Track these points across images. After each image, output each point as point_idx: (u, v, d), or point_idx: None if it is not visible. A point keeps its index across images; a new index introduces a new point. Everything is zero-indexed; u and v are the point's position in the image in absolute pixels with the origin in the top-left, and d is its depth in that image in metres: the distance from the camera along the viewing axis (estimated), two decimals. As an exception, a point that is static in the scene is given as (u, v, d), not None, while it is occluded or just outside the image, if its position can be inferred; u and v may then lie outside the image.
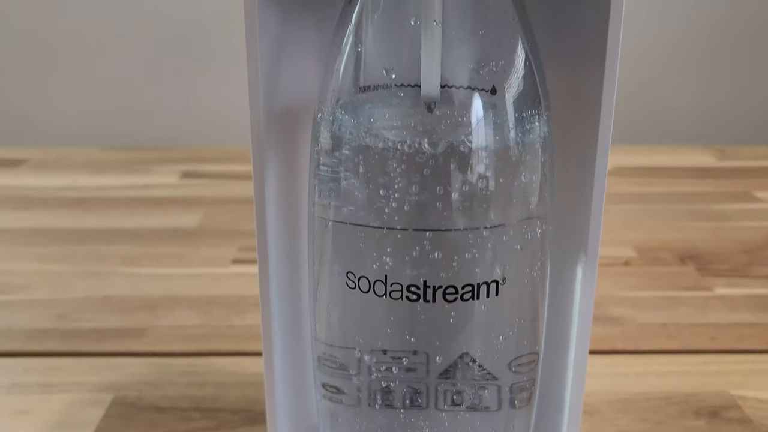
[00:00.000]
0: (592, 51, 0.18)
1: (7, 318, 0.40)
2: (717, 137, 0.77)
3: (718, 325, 0.40)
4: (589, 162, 0.19)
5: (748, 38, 0.76)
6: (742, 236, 0.51)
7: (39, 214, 0.56)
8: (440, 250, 0.17)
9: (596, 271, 0.22)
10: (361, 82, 0.17)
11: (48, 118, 0.79)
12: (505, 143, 0.17)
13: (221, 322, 0.40)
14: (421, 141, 0.16)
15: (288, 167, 0.20)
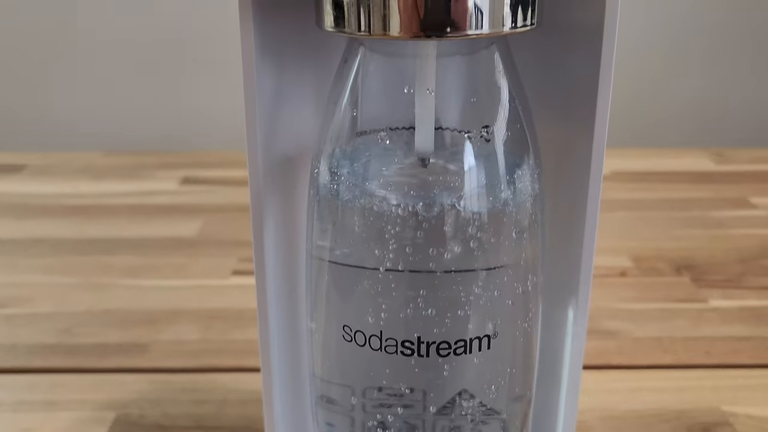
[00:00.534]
0: (582, 103, 0.18)
1: (12, 333, 0.41)
2: (717, 138, 0.78)
3: (712, 339, 0.40)
4: (580, 210, 0.19)
5: (748, 38, 0.76)
6: (738, 244, 0.52)
7: (40, 223, 0.56)
8: (433, 306, 0.17)
9: (587, 315, 0.22)
10: (355, 136, 0.18)
11: (48, 121, 0.79)
12: (496, 204, 0.17)
13: (221, 337, 0.41)
14: (414, 204, 0.16)
15: (286, 211, 0.20)
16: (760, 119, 0.79)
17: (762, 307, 0.44)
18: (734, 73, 0.78)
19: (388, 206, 0.16)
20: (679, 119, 0.80)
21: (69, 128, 0.79)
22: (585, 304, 0.21)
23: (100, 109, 0.79)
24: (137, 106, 0.79)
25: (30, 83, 0.78)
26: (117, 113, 0.79)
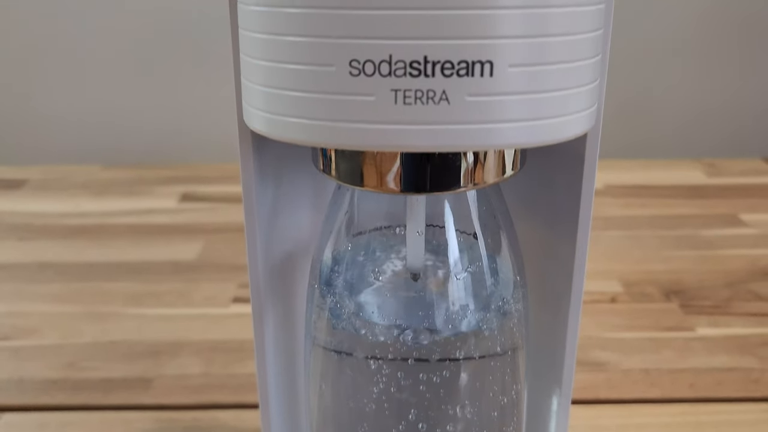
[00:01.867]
0: (565, 219, 0.19)
1: (19, 367, 0.42)
2: (709, 148, 0.78)
3: (697, 371, 0.42)
4: (562, 315, 0.20)
5: (746, 41, 0.76)
6: (726, 266, 0.53)
7: (43, 246, 0.57)
8: (424, 422, 0.18)
9: (570, 402, 0.23)
10: (350, 238, 0.19)
11: (46, 133, 0.80)
12: (483, 328, 0.18)
13: (223, 371, 0.42)
14: (404, 337, 0.17)
15: (286, 306, 0.21)
16: (755, 126, 0.80)
17: (747, 336, 0.45)
18: (730, 79, 0.78)
19: (379, 339, 0.17)
20: (673, 124, 0.80)
21: (67, 139, 0.80)
22: (567, 397, 0.22)
23: (99, 120, 0.80)
24: (136, 114, 0.79)
25: (25, 94, 0.79)
26: (115, 120, 0.80)
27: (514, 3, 0.13)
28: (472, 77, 0.14)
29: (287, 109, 0.15)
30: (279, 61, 0.14)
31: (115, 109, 0.78)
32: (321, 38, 0.14)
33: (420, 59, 0.14)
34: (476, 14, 0.13)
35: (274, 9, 0.14)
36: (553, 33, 0.14)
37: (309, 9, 0.14)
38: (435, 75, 0.14)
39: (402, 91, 0.14)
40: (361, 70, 0.14)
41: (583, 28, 0.14)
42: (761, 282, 0.51)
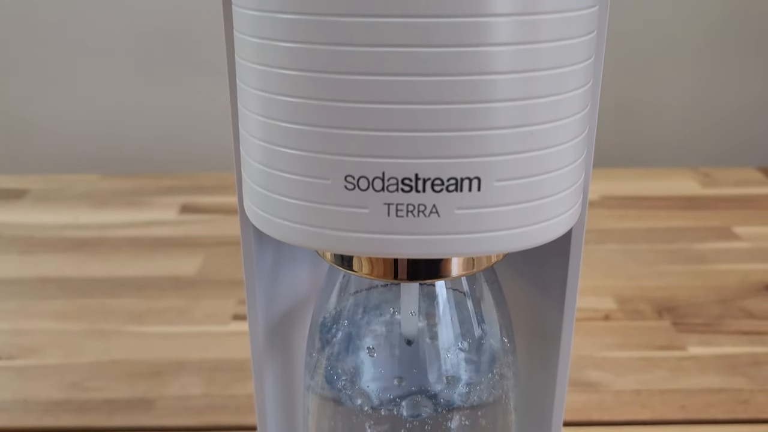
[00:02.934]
0: (554, 290, 0.20)
1: (23, 387, 0.43)
2: (705, 155, 0.79)
3: (688, 392, 0.42)
4: (549, 387, 0.21)
5: (743, 48, 0.77)
6: (718, 282, 0.54)
7: (44, 260, 0.58)
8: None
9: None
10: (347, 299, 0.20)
11: (46, 140, 0.80)
12: (473, 398, 0.19)
13: (224, 391, 0.43)
14: (398, 408, 0.18)
15: (285, 357, 0.22)
16: (749, 133, 0.80)
17: (737, 355, 0.46)
18: (728, 84, 0.79)
19: (372, 408, 0.18)
20: (670, 130, 0.81)
21: (67, 144, 0.80)
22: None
23: (97, 123, 0.80)
24: (135, 121, 0.80)
25: (24, 101, 0.79)
26: (114, 127, 0.80)
27: (500, 123, 0.14)
28: (461, 192, 0.14)
29: (284, 213, 0.15)
30: (277, 169, 0.15)
31: (114, 116, 0.78)
32: (318, 153, 0.14)
33: (411, 176, 0.14)
34: (464, 135, 0.14)
35: (274, 122, 0.15)
36: (538, 147, 0.14)
37: (306, 126, 0.14)
38: (426, 191, 0.14)
39: (395, 204, 0.14)
40: (355, 184, 0.14)
41: (567, 138, 0.15)
42: (753, 299, 0.52)
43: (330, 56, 0.14)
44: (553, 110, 0.14)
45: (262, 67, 0.15)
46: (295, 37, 0.14)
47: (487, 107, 0.14)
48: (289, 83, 0.14)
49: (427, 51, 0.13)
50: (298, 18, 0.14)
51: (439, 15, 0.14)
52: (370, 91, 0.14)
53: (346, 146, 0.14)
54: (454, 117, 0.14)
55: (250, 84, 0.16)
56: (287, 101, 0.14)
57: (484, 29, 0.14)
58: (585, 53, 0.16)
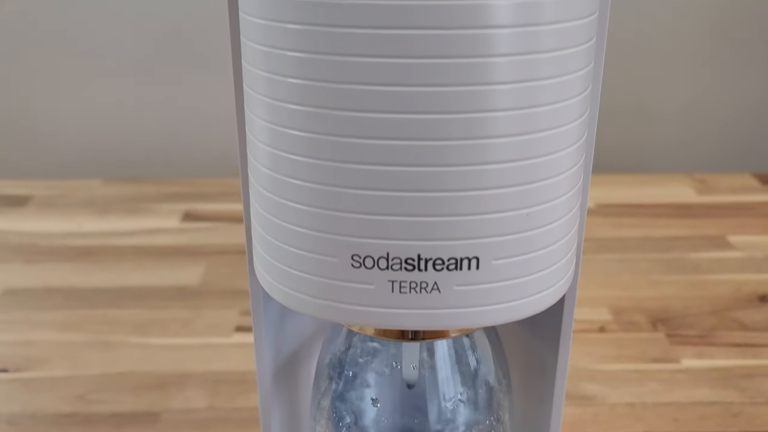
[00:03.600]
0: (548, 333, 0.21)
1: (31, 400, 0.44)
2: (702, 161, 0.80)
3: (681, 405, 0.44)
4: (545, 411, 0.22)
5: (741, 53, 0.77)
6: (712, 292, 0.55)
7: (49, 268, 0.58)
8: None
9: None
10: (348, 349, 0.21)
11: (48, 144, 0.80)
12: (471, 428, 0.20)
13: (227, 404, 0.44)
14: None
15: (291, 401, 0.23)
16: (745, 142, 0.81)
17: (729, 368, 0.47)
18: (725, 88, 0.79)
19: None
20: (666, 135, 0.82)
21: (68, 148, 0.80)
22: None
23: (99, 128, 0.81)
24: (137, 125, 0.80)
25: (26, 105, 0.79)
26: (116, 131, 0.81)
27: (497, 207, 0.15)
28: (461, 270, 0.15)
29: (294, 284, 0.16)
30: (289, 245, 0.16)
31: (116, 119, 0.79)
32: (327, 233, 0.15)
33: (414, 256, 0.15)
34: (464, 219, 0.15)
35: (287, 202, 0.16)
36: (533, 227, 0.15)
37: (317, 208, 0.15)
38: (427, 269, 0.15)
39: (398, 282, 0.15)
40: (361, 263, 0.15)
41: (561, 214, 0.16)
42: (745, 309, 0.53)
43: (338, 147, 0.15)
44: (548, 193, 0.15)
45: (275, 150, 0.16)
46: (306, 127, 0.15)
47: (485, 194, 0.15)
48: (301, 168, 0.15)
49: (430, 145, 0.14)
50: (309, 110, 0.15)
51: (433, 111, 0.15)
52: (376, 180, 0.15)
53: (354, 228, 0.15)
54: (453, 203, 0.15)
55: (263, 163, 0.17)
56: (300, 185, 0.15)
57: (480, 124, 0.15)
58: (575, 136, 0.17)
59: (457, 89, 0.14)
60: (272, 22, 0.15)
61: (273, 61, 0.16)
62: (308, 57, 0.15)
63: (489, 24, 0.14)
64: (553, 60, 0.15)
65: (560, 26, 0.15)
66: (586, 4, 0.16)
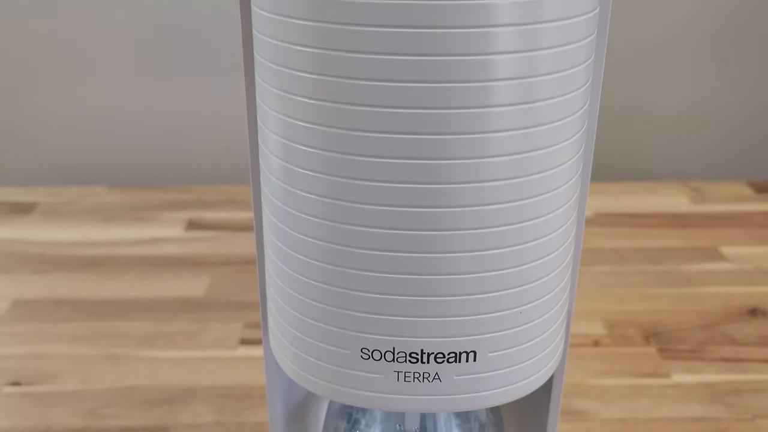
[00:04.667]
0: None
1: (44, 414, 0.46)
2: (698, 168, 0.81)
3: (670, 420, 0.45)
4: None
5: (736, 58, 0.78)
6: (703, 306, 0.56)
7: (57, 279, 0.60)
8: None
9: None
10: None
11: (51, 149, 0.81)
12: None
13: (234, 419, 0.45)
14: None
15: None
16: (741, 150, 0.82)
17: (718, 383, 0.48)
18: (724, 93, 0.80)
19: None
20: (663, 139, 0.83)
21: (71, 153, 0.81)
22: None
23: (103, 132, 0.81)
24: (141, 131, 0.81)
25: (28, 112, 0.80)
26: (120, 135, 0.81)
27: (492, 308, 0.16)
28: (459, 363, 0.17)
29: (309, 368, 0.18)
30: (306, 335, 0.17)
31: (120, 124, 0.80)
32: (339, 329, 0.17)
33: (418, 351, 0.17)
34: (462, 320, 0.16)
35: (302, 297, 0.17)
36: (526, 322, 0.17)
37: (331, 306, 0.16)
38: (429, 362, 0.17)
39: (403, 372, 0.17)
40: (370, 355, 0.17)
41: (551, 307, 0.17)
42: (735, 324, 0.54)
43: (350, 256, 0.17)
44: (541, 291, 0.17)
45: (294, 253, 0.18)
46: (323, 237, 0.17)
47: (481, 297, 0.16)
48: (318, 271, 0.17)
49: (433, 257, 0.16)
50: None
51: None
52: (384, 286, 0.16)
53: (365, 325, 0.16)
54: (453, 305, 0.16)
55: (285, 263, 0.18)
56: (317, 285, 0.17)
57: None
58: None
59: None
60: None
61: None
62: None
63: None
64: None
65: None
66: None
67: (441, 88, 0.15)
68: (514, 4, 0.15)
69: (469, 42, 0.15)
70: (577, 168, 0.18)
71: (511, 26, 0.15)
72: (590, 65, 0.18)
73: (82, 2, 0.74)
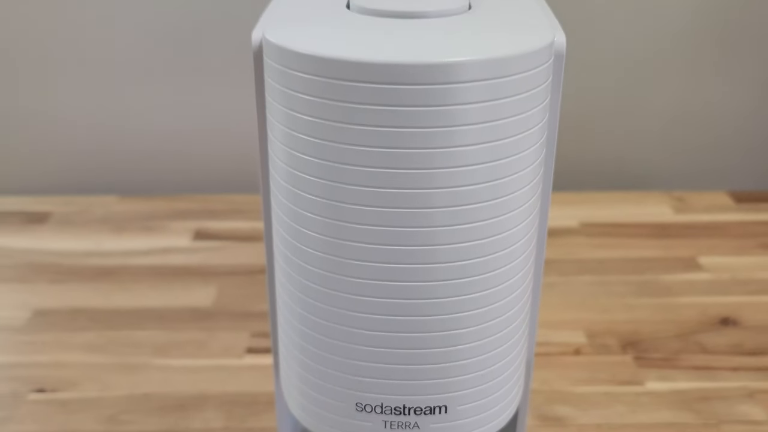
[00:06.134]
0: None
1: (68, 420, 0.49)
2: (682, 177, 0.84)
3: (642, 426, 0.49)
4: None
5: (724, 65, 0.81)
6: (679, 316, 0.60)
7: (73, 289, 0.63)
8: None
9: None
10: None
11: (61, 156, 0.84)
12: None
13: (241, 425, 0.49)
14: None
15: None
16: (723, 154, 0.85)
17: (689, 390, 0.52)
18: (710, 99, 0.83)
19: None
20: (648, 147, 0.86)
21: (81, 161, 0.84)
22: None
23: (110, 140, 0.84)
24: (148, 138, 0.84)
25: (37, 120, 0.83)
26: (127, 144, 0.84)
27: (459, 373, 0.20)
28: (434, 415, 0.20)
29: (312, 413, 0.21)
30: (309, 388, 0.21)
31: (123, 128, 0.83)
32: (337, 387, 0.20)
33: (401, 406, 0.20)
34: (436, 382, 0.20)
35: (307, 360, 0.21)
36: (488, 381, 0.20)
37: (329, 369, 0.20)
38: (410, 414, 0.20)
39: (389, 421, 0.21)
40: (363, 408, 0.20)
41: (512, 365, 0.21)
42: (708, 333, 0.58)
43: (349, 335, 0.20)
44: (499, 358, 0.20)
45: (302, 326, 0.21)
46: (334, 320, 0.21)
47: (451, 365, 0.20)
48: (322, 344, 0.21)
49: (413, 336, 0.19)
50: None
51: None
52: (372, 357, 0.20)
53: (358, 385, 0.20)
54: (428, 372, 0.20)
55: (292, 329, 0.22)
56: (320, 354, 0.21)
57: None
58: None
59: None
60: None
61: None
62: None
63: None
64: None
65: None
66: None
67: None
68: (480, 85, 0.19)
69: (437, 118, 0.19)
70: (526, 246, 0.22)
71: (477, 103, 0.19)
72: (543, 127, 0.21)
73: (88, 11, 0.76)
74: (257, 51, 0.21)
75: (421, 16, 0.20)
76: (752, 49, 0.79)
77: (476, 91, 0.18)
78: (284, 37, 0.19)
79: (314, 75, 0.18)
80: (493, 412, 0.22)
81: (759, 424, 0.50)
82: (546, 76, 0.21)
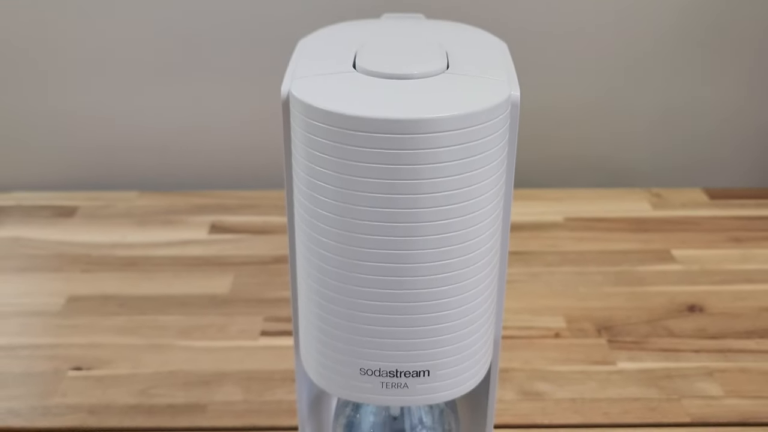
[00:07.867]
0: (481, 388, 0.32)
1: (104, 394, 0.56)
2: (662, 174, 0.89)
3: (611, 400, 0.55)
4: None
5: (709, 62, 0.86)
6: (650, 303, 0.66)
7: (103, 278, 0.70)
8: None
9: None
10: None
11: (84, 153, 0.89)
12: None
13: (258, 398, 0.56)
14: None
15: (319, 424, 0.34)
16: (700, 151, 0.91)
17: (654, 369, 0.59)
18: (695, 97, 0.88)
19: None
20: (631, 144, 0.91)
21: (101, 158, 0.90)
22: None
23: (130, 138, 0.89)
24: (165, 137, 0.89)
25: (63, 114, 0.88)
26: (147, 141, 0.90)
27: (436, 334, 0.26)
28: (420, 377, 0.27)
29: (327, 377, 0.28)
30: (325, 357, 0.27)
31: (145, 130, 0.88)
32: (346, 356, 0.26)
33: (394, 370, 0.27)
34: (421, 353, 0.26)
35: (324, 337, 0.27)
36: (463, 351, 0.27)
37: (341, 343, 0.26)
38: (401, 377, 0.27)
39: (386, 382, 0.28)
40: (365, 372, 0.27)
41: (479, 339, 0.27)
42: (675, 319, 0.65)
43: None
44: (470, 331, 0.27)
45: (320, 311, 0.28)
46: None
47: (433, 340, 0.26)
48: (335, 325, 0.28)
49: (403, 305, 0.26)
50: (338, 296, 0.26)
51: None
52: (375, 334, 0.26)
53: (363, 354, 0.27)
54: (416, 344, 0.26)
55: (308, 308, 0.28)
56: (334, 332, 0.27)
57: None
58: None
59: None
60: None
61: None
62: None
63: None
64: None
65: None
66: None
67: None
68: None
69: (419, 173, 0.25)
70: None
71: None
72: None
73: (104, 9, 0.80)
74: (285, 101, 0.27)
75: (409, 77, 0.26)
76: (733, 52, 0.84)
77: (451, 137, 0.25)
78: (306, 94, 0.26)
79: (329, 125, 0.25)
80: (465, 376, 0.29)
81: (715, 398, 0.56)
82: (504, 122, 0.27)
